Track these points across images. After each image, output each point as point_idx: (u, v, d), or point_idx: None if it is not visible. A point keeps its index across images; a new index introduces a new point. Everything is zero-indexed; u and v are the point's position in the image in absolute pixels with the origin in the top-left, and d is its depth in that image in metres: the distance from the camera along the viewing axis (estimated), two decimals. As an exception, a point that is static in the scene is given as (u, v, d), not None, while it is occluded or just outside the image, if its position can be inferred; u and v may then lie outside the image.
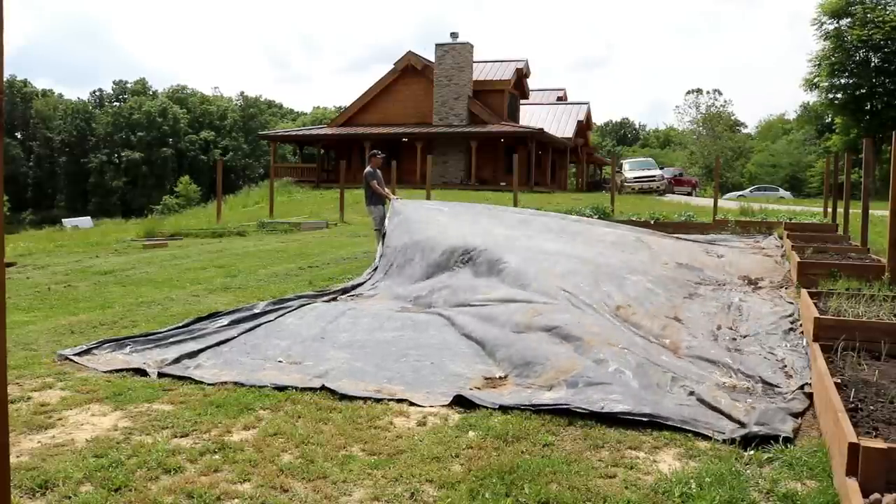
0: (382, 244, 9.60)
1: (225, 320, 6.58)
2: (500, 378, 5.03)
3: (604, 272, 7.67)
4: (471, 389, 4.71)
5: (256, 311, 6.96)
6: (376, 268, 9.18)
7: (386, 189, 11.37)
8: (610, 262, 8.28)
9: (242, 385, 4.76)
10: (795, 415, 4.20)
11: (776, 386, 4.70)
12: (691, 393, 4.49)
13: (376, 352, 5.63)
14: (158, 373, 5.02)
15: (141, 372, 5.05)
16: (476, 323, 6.27)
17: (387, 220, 10.13)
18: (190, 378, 4.93)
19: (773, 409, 4.22)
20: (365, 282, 8.74)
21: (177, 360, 5.32)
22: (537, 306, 6.36)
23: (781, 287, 8.16)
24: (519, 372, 5.05)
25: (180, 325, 6.43)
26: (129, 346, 5.70)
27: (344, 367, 5.19)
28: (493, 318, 6.29)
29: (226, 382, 4.82)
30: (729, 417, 4.11)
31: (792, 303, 7.14)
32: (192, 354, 5.49)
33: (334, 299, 7.90)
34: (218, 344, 5.83)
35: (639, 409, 4.15)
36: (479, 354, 5.58)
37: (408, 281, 8.45)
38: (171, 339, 5.90)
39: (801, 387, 4.64)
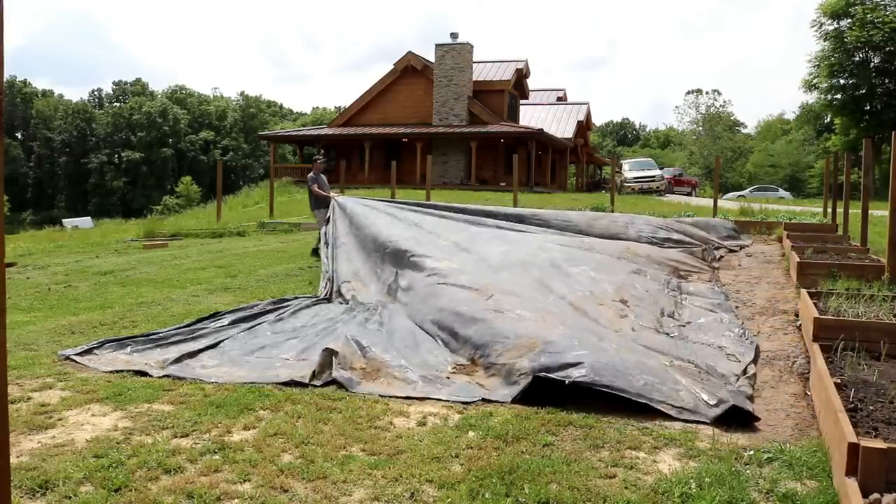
0: (330, 245, 9.61)
1: (226, 320, 6.62)
2: (469, 364, 5.28)
3: (551, 265, 7.90)
4: (447, 377, 5.01)
5: (256, 310, 7.00)
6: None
7: (329, 191, 11.62)
8: (555, 257, 8.39)
9: (254, 383, 4.82)
10: (749, 398, 4.51)
11: (723, 373, 4.99)
12: (648, 372, 4.69)
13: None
14: (164, 374, 5.05)
15: (142, 373, 5.06)
16: (438, 313, 6.34)
17: (330, 220, 10.28)
18: (198, 378, 4.96)
19: (731, 391, 4.57)
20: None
21: (178, 360, 5.35)
22: (494, 295, 6.46)
23: (710, 280, 8.65)
24: (481, 353, 5.28)
25: (181, 325, 6.45)
26: (129, 346, 5.75)
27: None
28: (453, 308, 6.32)
29: (234, 382, 4.88)
30: (694, 396, 4.43)
31: (723, 293, 7.67)
32: (192, 354, 5.54)
33: (328, 299, 7.93)
34: (218, 343, 5.87)
35: (602, 381, 4.44)
36: (443, 340, 5.81)
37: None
38: (172, 340, 5.95)
39: (745, 371, 5.00)
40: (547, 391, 4.54)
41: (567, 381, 4.47)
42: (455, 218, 10.57)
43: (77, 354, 5.48)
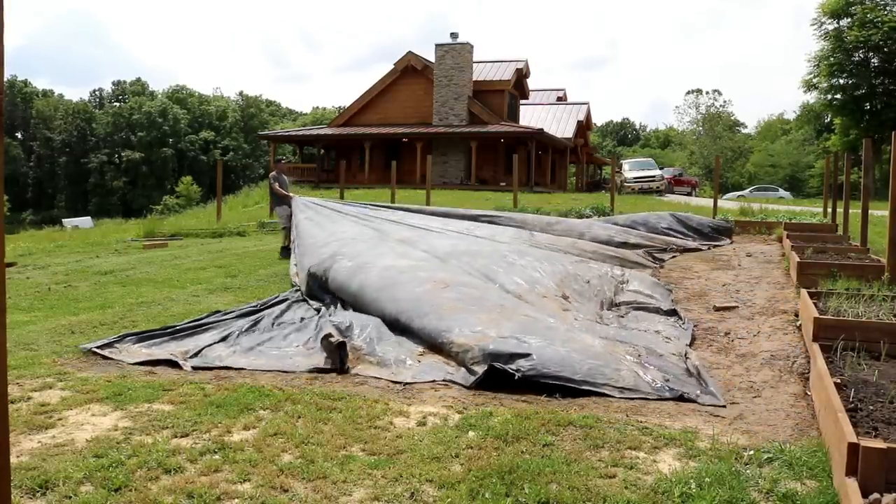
0: (296, 246, 9.86)
1: (230, 315, 6.86)
2: (428, 352, 5.56)
3: (499, 259, 8.35)
4: (416, 363, 5.31)
5: (257, 306, 7.34)
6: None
7: (289, 191, 12.17)
8: (503, 251, 8.89)
9: (280, 371, 5.23)
10: (693, 375, 4.96)
11: (661, 353, 5.39)
12: (592, 357, 4.99)
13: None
14: (192, 365, 5.31)
15: (170, 363, 5.36)
16: (393, 304, 6.52)
17: (293, 218, 10.84)
18: (226, 366, 5.31)
19: (678, 372, 5.00)
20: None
21: (198, 353, 5.63)
22: (447, 287, 6.71)
23: (652, 275, 9.05)
24: (438, 342, 5.55)
25: (195, 319, 6.67)
26: (147, 340, 5.95)
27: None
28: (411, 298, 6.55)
29: (259, 369, 5.25)
30: (635, 375, 4.80)
31: (662, 285, 8.13)
32: (209, 345, 5.80)
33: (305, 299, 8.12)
34: (227, 336, 6.14)
35: (549, 371, 4.74)
36: (401, 330, 6.06)
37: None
38: (185, 333, 6.17)
39: (684, 354, 5.45)
40: (501, 378, 4.83)
41: (517, 376, 4.75)
42: (410, 217, 11.08)
43: (98, 347, 5.64)
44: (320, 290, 7.65)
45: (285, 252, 11.28)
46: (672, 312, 6.95)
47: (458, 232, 10.50)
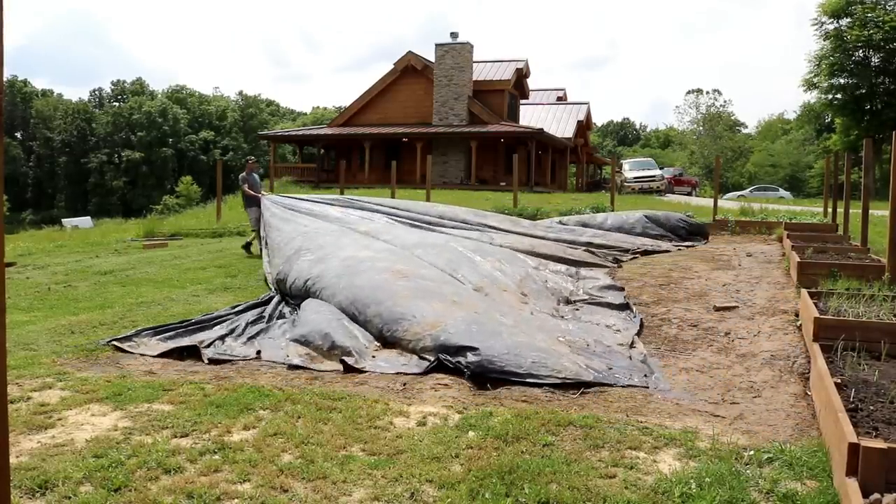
0: (266, 244, 10.07)
1: (240, 308, 7.22)
2: (383, 340, 5.82)
3: (459, 256, 8.71)
4: (373, 355, 5.56)
5: (256, 301, 7.61)
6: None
7: (260, 190, 12.39)
8: (465, 245, 9.38)
9: (274, 363, 5.50)
10: (642, 363, 5.29)
11: (608, 345, 5.74)
12: (537, 350, 5.22)
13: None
14: (210, 357, 5.61)
15: (190, 350, 5.74)
16: (354, 292, 6.76)
17: (262, 219, 11.06)
18: (242, 356, 5.67)
19: (623, 361, 5.32)
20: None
21: (211, 343, 5.95)
22: (405, 278, 6.97)
23: (607, 274, 9.31)
24: (393, 330, 5.81)
25: (205, 315, 6.96)
26: (163, 333, 6.19)
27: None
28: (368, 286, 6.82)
29: (258, 358, 5.64)
30: (577, 365, 5.07)
31: (616, 284, 8.38)
32: (221, 338, 6.13)
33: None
34: (233, 330, 6.40)
35: (493, 366, 4.97)
36: (361, 321, 6.27)
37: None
38: (195, 328, 6.44)
39: (631, 343, 5.81)
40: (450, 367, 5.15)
41: (466, 374, 4.99)
42: (376, 213, 11.38)
43: (117, 340, 5.90)
44: (289, 287, 7.85)
45: (247, 250, 12.04)
46: (624, 307, 7.25)
47: (416, 225, 10.98)
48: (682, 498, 3.09)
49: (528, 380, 4.85)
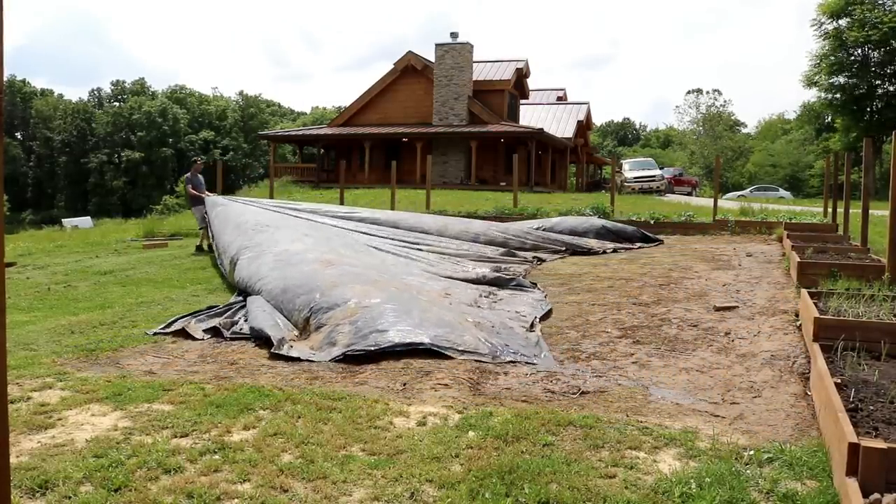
0: (213, 240, 10.91)
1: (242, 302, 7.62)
2: (304, 328, 6.21)
3: (383, 252, 9.65)
4: (290, 344, 5.92)
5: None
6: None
7: (204, 191, 12.90)
8: (390, 246, 10.45)
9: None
10: (534, 343, 5.91)
11: (511, 326, 6.42)
12: (442, 327, 5.82)
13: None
14: (229, 335, 6.34)
15: (215, 330, 6.45)
16: (283, 282, 7.33)
17: (207, 217, 11.83)
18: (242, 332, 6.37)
19: (521, 342, 5.93)
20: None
21: (233, 325, 6.64)
22: (328, 270, 7.51)
23: (524, 273, 9.84)
24: (315, 318, 6.21)
25: (227, 304, 7.55)
26: (193, 319, 6.77)
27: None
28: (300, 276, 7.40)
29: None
30: (477, 340, 5.69)
31: (533, 282, 8.86)
32: (235, 322, 6.79)
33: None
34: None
35: (403, 341, 5.51)
36: (286, 312, 6.72)
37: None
38: (215, 314, 7.04)
39: (531, 325, 6.55)
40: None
41: (376, 351, 5.45)
42: (309, 218, 11.93)
43: (164, 327, 6.55)
44: (236, 283, 8.35)
45: (199, 251, 12.45)
46: (536, 298, 7.90)
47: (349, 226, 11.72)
48: (682, 498, 3.09)
49: (431, 348, 5.46)
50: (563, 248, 12.26)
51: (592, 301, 7.90)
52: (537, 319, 6.81)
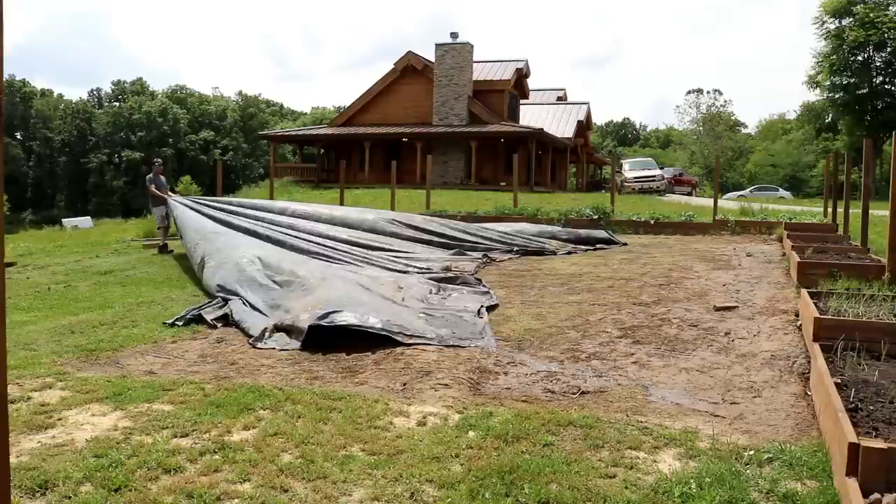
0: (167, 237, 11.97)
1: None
2: (281, 320, 6.55)
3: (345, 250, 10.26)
4: (269, 334, 6.35)
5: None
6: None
7: (166, 191, 13.23)
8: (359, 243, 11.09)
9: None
10: (479, 330, 6.33)
11: (462, 316, 6.93)
12: (393, 316, 6.38)
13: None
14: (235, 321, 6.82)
15: (223, 319, 6.97)
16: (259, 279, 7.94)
17: (169, 218, 12.39)
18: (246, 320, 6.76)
19: (466, 330, 6.41)
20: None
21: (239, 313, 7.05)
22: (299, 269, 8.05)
23: (473, 273, 10.03)
24: (286, 311, 6.73)
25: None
26: (202, 310, 7.20)
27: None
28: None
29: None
30: (424, 327, 6.28)
31: (480, 280, 9.21)
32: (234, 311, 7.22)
33: None
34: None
35: (356, 323, 6.02)
36: (262, 308, 7.21)
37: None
38: (217, 306, 7.42)
39: (478, 311, 7.07)
40: (326, 336, 5.95)
41: (333, 324, 5.99)
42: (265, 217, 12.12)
43: (177, 320, 6.92)
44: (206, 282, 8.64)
45: (162, 250, 12.72)
46: (483, 293, 8.28)
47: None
48: (682, 498, 3.09)
49: (381, 333, 5.94)
50: (515, 249, 12.34)
51: (592, 301, 7.89)
52: (484, 308, 7.29)
